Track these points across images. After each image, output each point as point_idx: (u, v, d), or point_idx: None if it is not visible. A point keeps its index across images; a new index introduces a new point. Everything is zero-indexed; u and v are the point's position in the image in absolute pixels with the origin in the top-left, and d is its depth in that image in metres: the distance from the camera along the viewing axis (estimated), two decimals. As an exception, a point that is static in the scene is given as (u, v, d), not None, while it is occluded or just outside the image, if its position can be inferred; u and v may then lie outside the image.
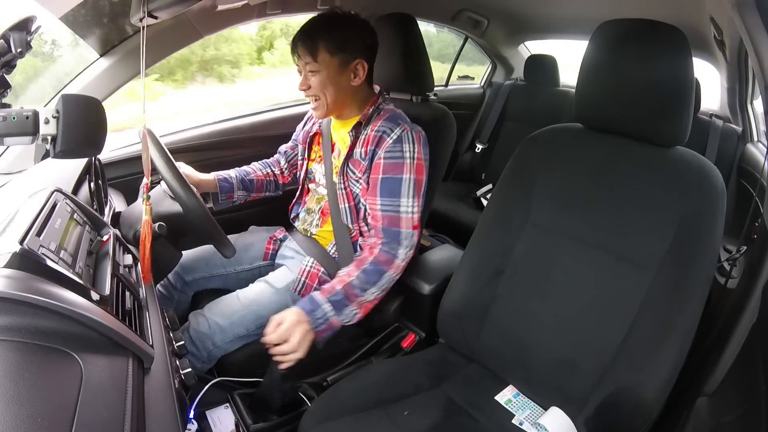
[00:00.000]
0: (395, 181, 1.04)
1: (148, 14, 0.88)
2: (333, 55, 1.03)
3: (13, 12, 0.70)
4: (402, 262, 1.05)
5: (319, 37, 1.02)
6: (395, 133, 1.05)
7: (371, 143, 1.06)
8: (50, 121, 0.66)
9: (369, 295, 1.03)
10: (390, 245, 1.04)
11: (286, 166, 1.34)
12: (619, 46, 0.86)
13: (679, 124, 0.83)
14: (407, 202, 1.05)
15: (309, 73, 1.05)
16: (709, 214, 0.80)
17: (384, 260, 1.03)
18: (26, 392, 0.39)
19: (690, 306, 0.78)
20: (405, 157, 1.04)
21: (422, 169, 1.07)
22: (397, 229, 1.04)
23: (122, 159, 1.37)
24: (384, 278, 1.03)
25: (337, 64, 1.04)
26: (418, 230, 1.07)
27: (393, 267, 1.04)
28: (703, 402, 0.76)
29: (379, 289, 1.04)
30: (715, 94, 2.01)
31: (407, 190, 1.04)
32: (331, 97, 1.07)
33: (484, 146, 2.54)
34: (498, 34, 2.50)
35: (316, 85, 1.05)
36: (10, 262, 0.48)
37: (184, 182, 0.88)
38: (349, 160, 1.11)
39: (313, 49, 1.02)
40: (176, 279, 1.21)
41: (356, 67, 1.07)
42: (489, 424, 0.89)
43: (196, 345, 1.03)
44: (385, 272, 1.03)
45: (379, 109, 1.12)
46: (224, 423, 0.96)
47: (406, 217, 1.05)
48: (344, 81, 1.07)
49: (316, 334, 0.97)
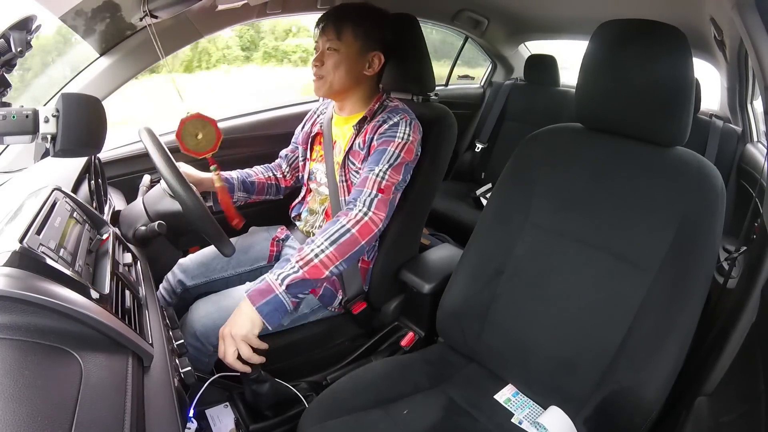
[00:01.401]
0: (380, 151, 1.05)
1: (148, 14, 0.89)
2: (356, 38, 1.07)
3: (13, 11, 0.69)
4: (354, 217, 0.97)
5: (349, 19, 1.06)
6: (393, 120, 1.07)
7: (370, 132, 1.08)
8: (50, 119, 0.66)
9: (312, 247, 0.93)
10: (352, 202, 1.01)
11: (288, 170, 1.34)
12: (620, 46, 0.86)
13: (679, 124, 0.83)
14: (381, 167, 1.03)
15: (327, 50, 1.07)
16: (709, 214, 0.80)
17: (342, 213, 1.00)
18: (26, 391, 0.39)
19: (689, 306, 0.78)
20: (396, 135, 1.05)
21: (410, 153, 1.06)
22: (360, 189, 1.02)
23: (122, 158, 1.37)
24: (331, 228, 0.95)
25: (358, 48, 1.07)
26: (383, 195, 1.01)
27: (344, 218, 0.97)
28: (703, 401, 0.76)
29: (325, 239, 0.94)
30: (715, 94, 2.01)
31: (386, 158, 1.03)
32: (340, 79, 1.08)
33: (483, 146, 2.54)
34: (498, 34, 2.50)
35: (330, 63, 1.07)
36: (9, 260, 0.48)
37: (183, 181, 0.88)
38: (349, 152, 1.12)
39: (339, 28, 1.05)
40: (178, 284, 1.21)
41: (373, 58, 1.10)
42: (488, 423, 0.89)
43: (201, 340, 1.03)
44: (336, 220, 0.97)
45: (384, 105, 1.13)
46: (224, 422, 0.96)
47: (373, 178, 1.02)
48: (358, 67, 1.09)
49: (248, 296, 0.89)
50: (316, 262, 0.92)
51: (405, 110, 1.11)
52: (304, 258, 0.92)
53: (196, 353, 1.04)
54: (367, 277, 1.20)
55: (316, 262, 0.92)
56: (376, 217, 0.99)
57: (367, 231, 0.98)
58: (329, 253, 0.93)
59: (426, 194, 1.22)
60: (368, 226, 0.98)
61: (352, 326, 1.24)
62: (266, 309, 0.88)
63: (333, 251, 0.93)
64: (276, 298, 0.89)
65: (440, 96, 1.35)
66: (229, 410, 0.98)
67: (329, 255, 0.93)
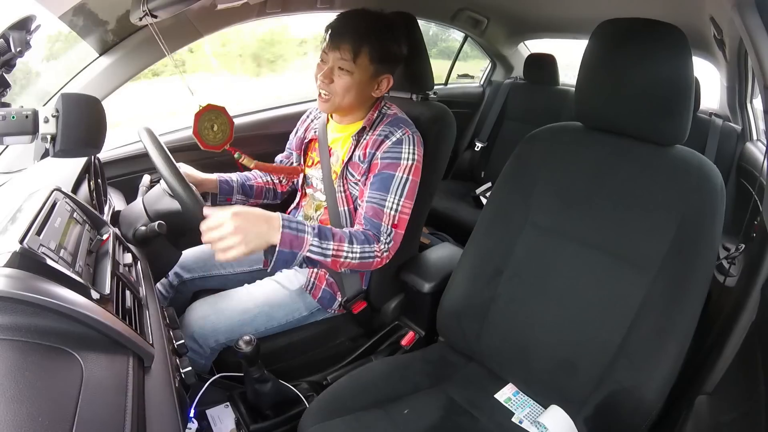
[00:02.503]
0: (388, 177, 1.03)
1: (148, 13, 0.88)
2: (371, 63, 1.01)
3: (12, 11, 0.69)
4: (380, 251, 1.01)
5: (367, 41, 0.99)
6: (395, 136, 1.04)
7: (371, 146, 1.06)
8: (50, 120, 0.66)
9: (347, 248, 0.96)
10: (372, 231, 1.02)
11: (283, 176, 1.34)
12: (619, 45, 0.86)
13: (678, 123, 0.83)
14: (393, 198, 1.03)
15: (339, 69, 1.01)
16: (709, 212, 0.80)
17: (371, 235, 1.01)
18: (27, 391, 0.39)
19: (689, 305, 0.78)
20: (403, 157, 1.03)
21: (418, 171, 1.06)
22: (378, 222, 1.02)
23: (122, 158, 1.37)
24: (366, 246, 0.98)
25: (371, 72, 1.03)
26: (398, 230, 1.04)
27: (375, 245, 1.00)
28: (703, 400, 0.76)
29: (359, 251, 0.97)
30: (714, 93, 2.01)
31: (396, 188, 1.03)
32: (348, 102, 1.05)
33: (483, 145, 2.54)
34: (498, 33, 2.50)
35: (341, 84, 1.02)
36: (10, 261, 0.48)
37: (183, 181, 0.88)
38: (348, 163, 1.10)
39: (357, 50, 0.99)
40: (175, 278, 1.21)
41: (383, 80, 1.06)
42: (488, 422, 0.89)
43: (199, 342, 1.03)
44: (371, 242, 1.00)
45: (382, 113, 1.11)
46: (224, 422, 0.96)
47: (387, 212, 1.03)
48: (368, 90, 1.06)
49: (282, 235, 0.88)
50: (341, 261, 0.96)
51: (405, 122, 1.08)
52: (338, 254, 0.95)
53: (193, 355, 1.04)
54: (366, 277, 1.20)
55: (341, 261, 0.96)
56: (389, 256, 1.04)
57: (379, 266, 1.04)
58: (353, 263, 0.98)
59: (425, 193, 1.21)
60: (382, 261, 1.03)
61: (352, 326, 1.24)
62: (282, 256, 0.89)
63: (356, 263, 0.99)
64: (294, 256, 0.91)
65: (439, 95, 1.35)
66: (229, 410, 0.98)
67: (352, 263, 0.98)
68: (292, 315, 1.13)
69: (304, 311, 1.15)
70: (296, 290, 1.14)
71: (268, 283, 1.15)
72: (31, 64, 1.31)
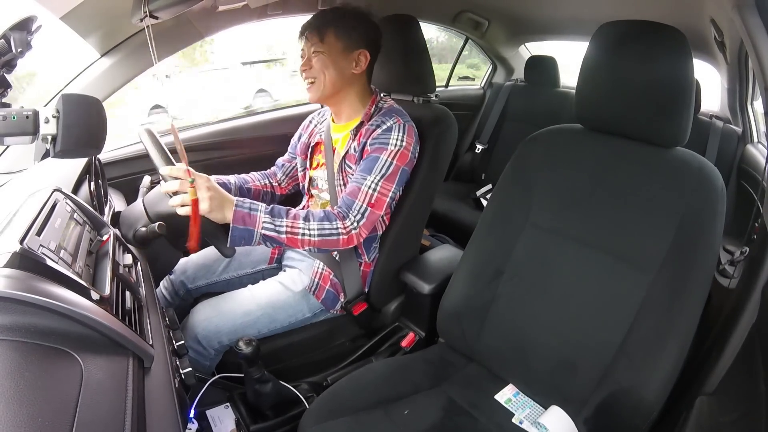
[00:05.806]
0: (373, 159, 1.05)
1: (148, 15, 0.89)
2: (339, 38, 1.07)
3: (13, 11, 0.69)
4: (346, 228, 1.01)
5: (329, 22, 1.08)
6: (386, 124, 1.06)
7: (364, 136, 1.08)
8: (50, 120, 0.67)
9: (303, 224, 0.98)
10: (341, 209, 1.03)
11: (284, 179, 1.33)
12: (620, 47, 0.86)
13: (679, 125, 0.83)
14: (373, 178, 1.03)
15: (313, 54, 1.08)
16: (709, 214, 0.80)
17: (336, 213, 1.02)
18: (26, 392, 0.39)
19: (690, 306, 0.78)
20: (390, 142, 1.05)
21: (405, 158, 1.06)
22: (352, 200, 1.03)
23: (122, 159, 1.37)
24: (325, 222, 0.99)
25: (341, 47, 1.08)
26: (374, 210, 1.04)
27: (337, 222, 1.01)
28: (703, 401, 0.76)
29: (316, 228, 0.98)
30: (715, 95, 2.01)
31: (379, 169, 1.04)
32: (330, 80, 1.08)
33: (484, 147, 2.54)
34: (499, 36, 2.50)
35: (318, 65, 1.08)
36: (10, 261, 0.48)
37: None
38: (345, 156, 1.12)
39: (321, 32, 1.07)
40: (180, 285, 1.21)
41: (359, 56, 1.10)
42: (489, 423, 0.89)
43: (203, 344, 1.03)
44: (332, 220, 1.00)
45: (378, 107, 1.13)
46: (224, 422, 0.96)
47: (365, 191, 1.03)
48: (346, 66, 1.09)
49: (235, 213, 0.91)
50: (299, 238, 0.98)
51: (399, 112, 1.10)
52: (293, 231, 0.97)
53: (197, 357, 1.04)
54: (367, 279, 1.20)
55: (299, 238, 0.98)
56: (360, 235, 1.04)
57: (348, 243, 1.03)
58: (313, 240, 0.99)
59: (426, 195, 1.21)
60: (351, 240, 1.03)
61: (352, 327, 1.24)
62: (237, 232, 0.92)
63: (317, 240, 0.99)
64: (250, 233, 0.94)
65: (440, 97, 1.35)
66: (229, 411, 0.98)
67: (312, 240, 0.99)
68: (295, 317, 1.13)
69: (307, 312, 1.15)
70: (300, 292, 1.14)
71: (272, 285, 1.15)
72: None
